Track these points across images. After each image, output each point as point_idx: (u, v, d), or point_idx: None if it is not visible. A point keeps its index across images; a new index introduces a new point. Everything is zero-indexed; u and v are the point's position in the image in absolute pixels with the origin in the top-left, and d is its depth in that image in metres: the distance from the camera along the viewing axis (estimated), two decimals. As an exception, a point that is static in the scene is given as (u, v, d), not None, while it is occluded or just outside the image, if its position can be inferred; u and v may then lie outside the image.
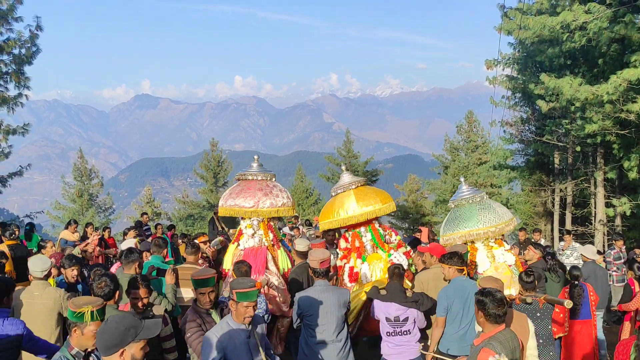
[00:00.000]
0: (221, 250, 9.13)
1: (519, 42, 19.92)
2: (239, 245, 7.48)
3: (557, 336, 6.93)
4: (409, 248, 7.69)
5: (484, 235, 7.28)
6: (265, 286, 6.82)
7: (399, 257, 7.13)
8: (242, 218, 7.62)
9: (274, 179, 7.85)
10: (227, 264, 7.33)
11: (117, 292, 4.75)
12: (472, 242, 7.51)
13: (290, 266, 7.40)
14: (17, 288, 5.30)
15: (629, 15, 12.98)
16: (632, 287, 8.13)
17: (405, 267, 7.05)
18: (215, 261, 8.91)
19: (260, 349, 4.22)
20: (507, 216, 7.44)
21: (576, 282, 7.49)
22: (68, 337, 3.66)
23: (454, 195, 8.07)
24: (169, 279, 6.07)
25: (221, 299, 5.98)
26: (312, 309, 5.18)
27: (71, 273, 6.49)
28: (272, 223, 7.63)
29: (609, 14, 13.08)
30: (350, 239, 7.51)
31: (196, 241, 8.31)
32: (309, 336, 5.23)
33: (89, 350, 3.62)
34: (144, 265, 7.04)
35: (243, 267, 5.88)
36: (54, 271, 7.13)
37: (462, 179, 8.26)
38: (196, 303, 4.63)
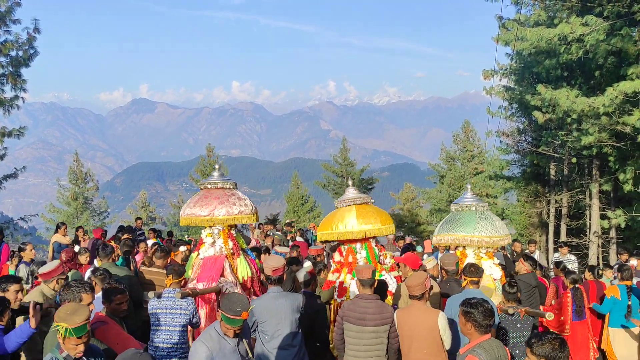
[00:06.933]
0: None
1: (516, 53, 20.02)
2: (199, 254, 7.49)
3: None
4: (400, 273, 7.72)
5: (477, 243, 7.36)
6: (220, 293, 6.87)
7: (389, 280, 7.14)
8: (203, 227, 7.63)
9: (233, 187, 7.81)
10: (188, 272, 7.34)
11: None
12: (464, 247, 7.58)
13: (250, 274, 7.41)
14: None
15: (626, 29, 13.04)
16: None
17: (394, 291, 7.08)
18: None
19: (251, 355, 4.35)
20: (503, 231, 7.53)
21: (577, 286, 7.85)
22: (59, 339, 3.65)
23: (458, 199, 8.16)
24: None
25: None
26: (266, 315, 5.27)
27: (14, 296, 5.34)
28: (232, 232, 7.61)
29: (606, 26, 13.14)
30: (344, 253, 7.52)
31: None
32: (264, 342, 5.30)
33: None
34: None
35: (175, 267, 6.23)
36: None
37: (468, 186, 8.34)
38: None
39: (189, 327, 6.11)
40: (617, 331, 7.93)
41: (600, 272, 9.41)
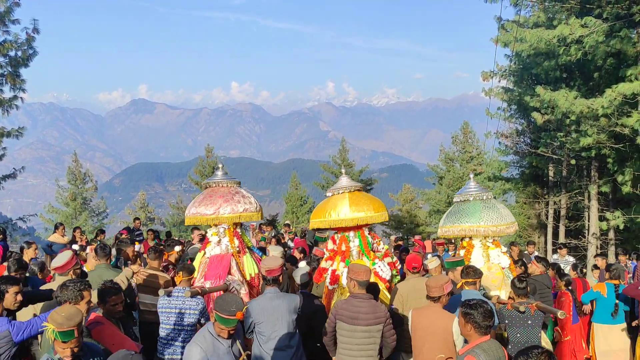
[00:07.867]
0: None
1: (515, 54, 20.01)
2: (205, 253, 7.49)
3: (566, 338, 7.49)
4: (395, 259, 7.69)
5: (483, 232, 7.31)
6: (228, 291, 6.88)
7: (383, 267, 7.08)
8: (209, 226, 7.64)
9: (237, 186, 7.82)
10: (195, 272, 7.34)
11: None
12: (470, 238, 7.55)
13: (257, 271, 7.42)
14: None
15: (625, 30, 13.07)
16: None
17: (388, 278, 7.05)
18: None
19: (244, 355, 4.35)
20: (509, 219, 7.49)
21: (571, 288, 7.73)
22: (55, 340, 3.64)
23: (461, 190, 8.11)
24: None
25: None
26: (263, 316, 5.28)
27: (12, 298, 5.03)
28: (238, 230, 7.62)
29: (605, 28, 13.16)
30: (337, 241, 7.50)
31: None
32: (262, 343, 5.30)
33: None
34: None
35: (186, 265, 6.63)
36: None
37: (471, 175, 8.27)
38: None
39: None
40: (600, 327, 8.05)
41: (584, 270, 9.54)
